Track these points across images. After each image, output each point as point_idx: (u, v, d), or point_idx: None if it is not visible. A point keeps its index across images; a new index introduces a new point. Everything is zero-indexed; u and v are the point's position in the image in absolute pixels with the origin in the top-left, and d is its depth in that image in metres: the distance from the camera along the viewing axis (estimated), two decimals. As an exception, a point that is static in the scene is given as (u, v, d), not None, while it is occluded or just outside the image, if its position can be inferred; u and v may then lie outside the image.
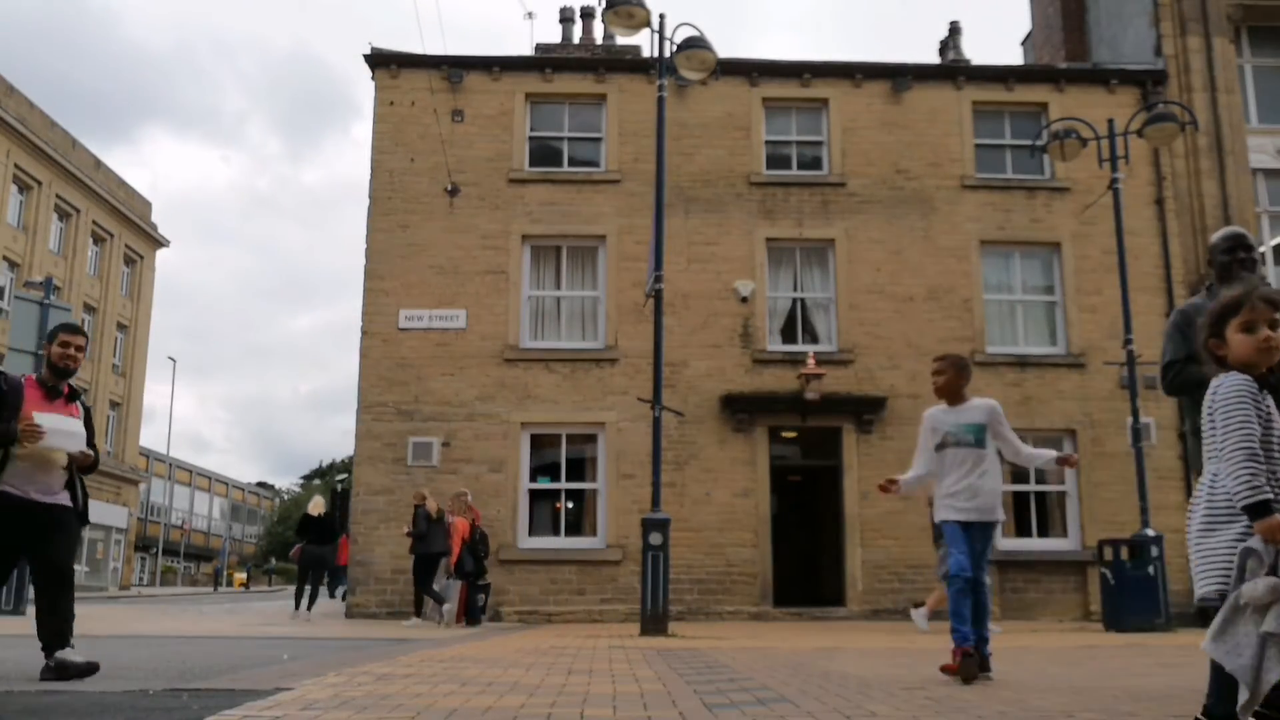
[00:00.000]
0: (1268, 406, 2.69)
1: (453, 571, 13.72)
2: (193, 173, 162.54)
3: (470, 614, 13.66)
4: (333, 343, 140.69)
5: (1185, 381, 4.47)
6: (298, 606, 16.06)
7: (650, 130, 14.30)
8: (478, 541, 13.91)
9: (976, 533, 5.16)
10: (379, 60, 17.27)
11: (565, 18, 20.43)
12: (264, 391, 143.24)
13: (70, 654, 5.00)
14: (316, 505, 17.03)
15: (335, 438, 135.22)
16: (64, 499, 5.17)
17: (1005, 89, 17.78)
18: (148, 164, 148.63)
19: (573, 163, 17.39)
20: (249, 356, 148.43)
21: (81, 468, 5.28)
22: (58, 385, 5.29)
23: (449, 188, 16.78)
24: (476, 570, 13.82)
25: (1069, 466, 5.46)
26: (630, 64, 17.50)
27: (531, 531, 16.01)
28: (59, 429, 5.05)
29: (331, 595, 16.40)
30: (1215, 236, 4.82)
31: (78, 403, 5.42)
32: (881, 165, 17.31)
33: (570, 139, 17.51)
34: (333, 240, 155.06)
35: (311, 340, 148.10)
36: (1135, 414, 13.47)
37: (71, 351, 5.27)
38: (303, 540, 16.68)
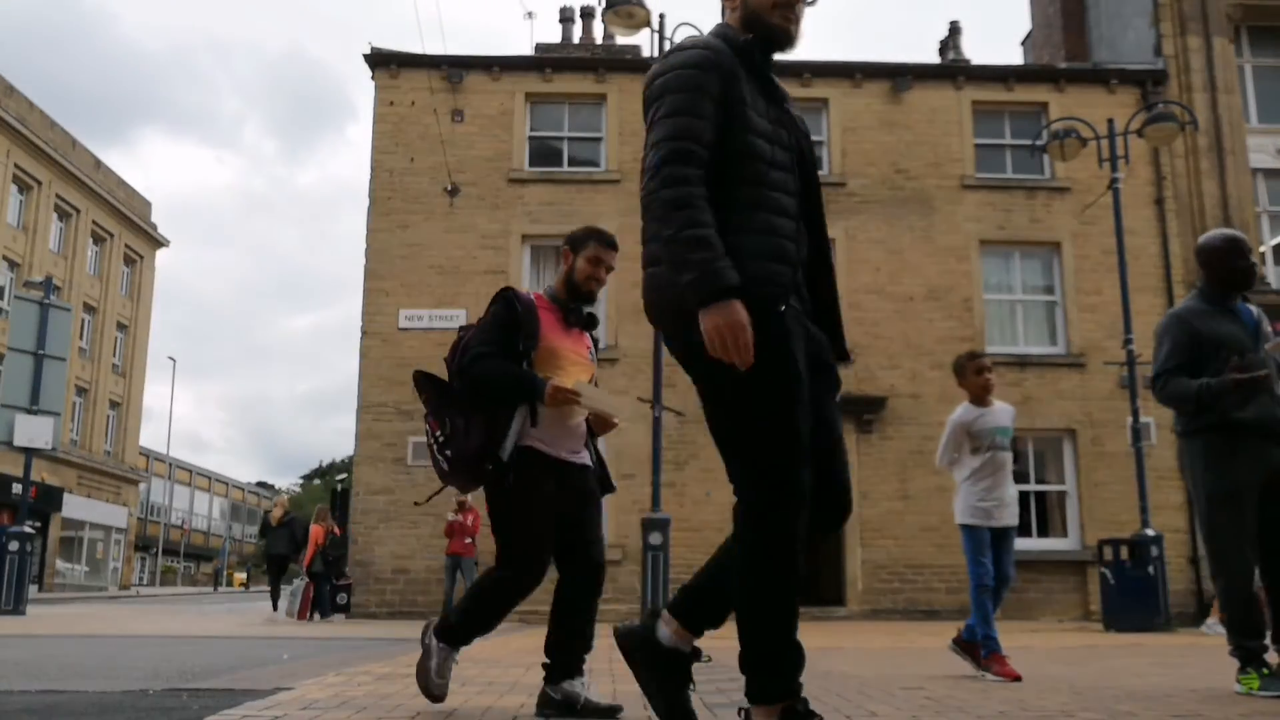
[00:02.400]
0: None
1: (303, 572, 15.68)
2: (189, 174, 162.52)
3: (319, 609, 15.40)
4: (330, 343, 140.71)
5: (1173, 394, 4.41)
6: (275, 607, 17.14)
7: (650, 130, 14.29)
8: (329, 546, 15.63)
9: (1000, 536, 5.25)
10: (379, 60, 17.27)
11: (565, 18, 20.41)
12: (261, 392, 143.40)
13: (583, 686, 3.69)
14: (279, 505, 18.50)
15: (332, 438, 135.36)
16: (587, 458, 3.90)
17: (1005, 89, 17.78)
18: (144, 165, 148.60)
19: (573, 162, 17.39)
20: (245, 357, 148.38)
21: (601, 432, 4.00)
22: (576, 310, 3.98)
23: (449, 188, 16.78)
24: (326, 571, 15.57)
25: None
26: (630, 64, 17.50)
27: (531, 531, 15.98)
28: (594, 393, 3.78)
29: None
30: (1217, 239, 4.60)
31: (589, 334, 4.11)
32: (881, 165, 17.31)
33: (570, 139, 17.52)
34: (329, 241, 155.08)
35: (308, 341, 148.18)
36: (1135, 414, 13.47)
37: (601, 273, 3.98)
38: (266, 543, 18.23)
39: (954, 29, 20.61)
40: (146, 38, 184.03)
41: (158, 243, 46.94)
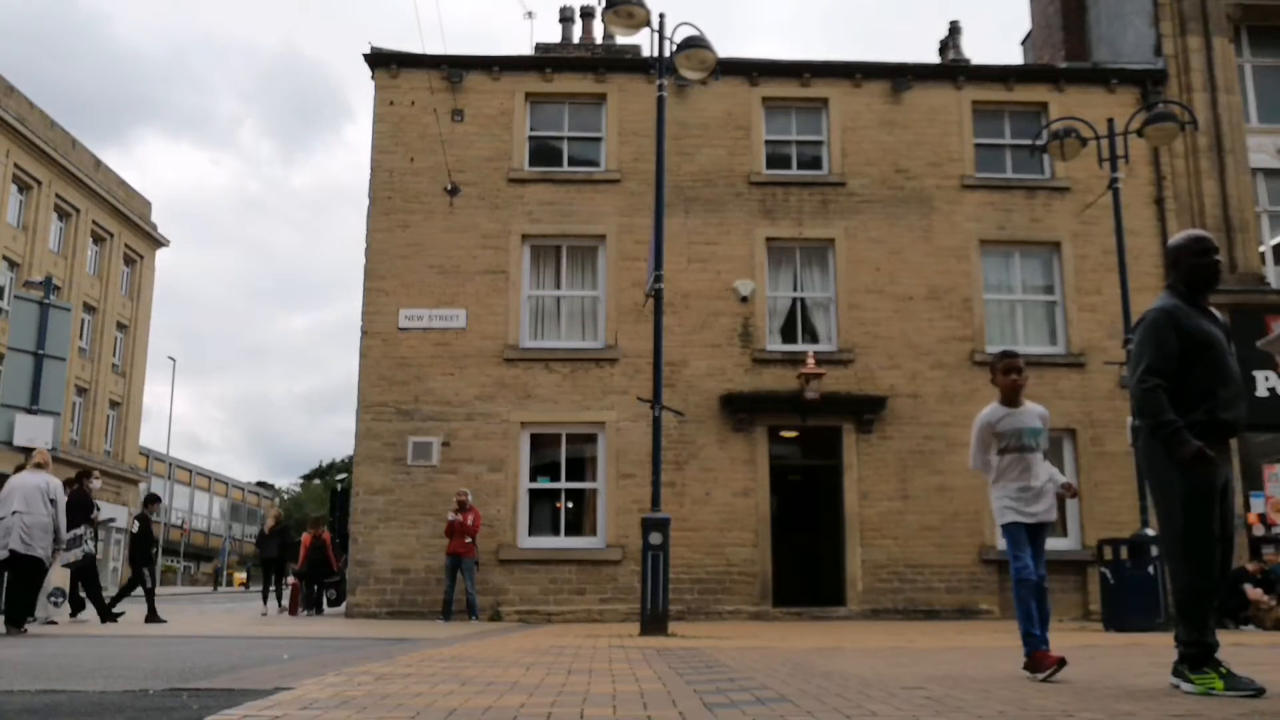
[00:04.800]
0: None
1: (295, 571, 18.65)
2: (186, 175, 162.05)
3: (308, 606, 18.04)
4: (327, 343, 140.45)
5: (1150, 402, 4.41)
6: (265, 602, 18.63)
7: (650, 130, 14.30)
8: (312, 548, 18.25)
9: (1036, 533, 5.32)
10: (379, 60, 17.27)
11: (565, 17, 20.42)
12: (259, 392, 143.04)
13: None
14: (272, 516, 20.38)
15: (330, 437, 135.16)
16: None
17: (1005, 89, 17.77)
18: (140, 167, 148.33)
19: (573, 162, 17.39)
20: (243, 357, 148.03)
21: None
22: None
23: (449, 187, 16.78)
24: (312, 571, 18.28)
25: (1070, 496, 5.51)
26: (630, 64, 17.50)
27: (531, 531, 16.01)
28: None
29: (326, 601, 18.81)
30: (1181, 239, 4.72)
31: None
32: (881, 165, 17.30)
33: (570, 139, 17.51)
34: (326, 242, 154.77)
35: (305, 341, 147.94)
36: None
37: None
38: (259, 549, 20.18)
39: (954, 29, 20.61)
40: (143, 39, 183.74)
41: (157, 242, 46.94)
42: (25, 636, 9.52)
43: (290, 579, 19.15)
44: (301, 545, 18.58)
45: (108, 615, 13.14)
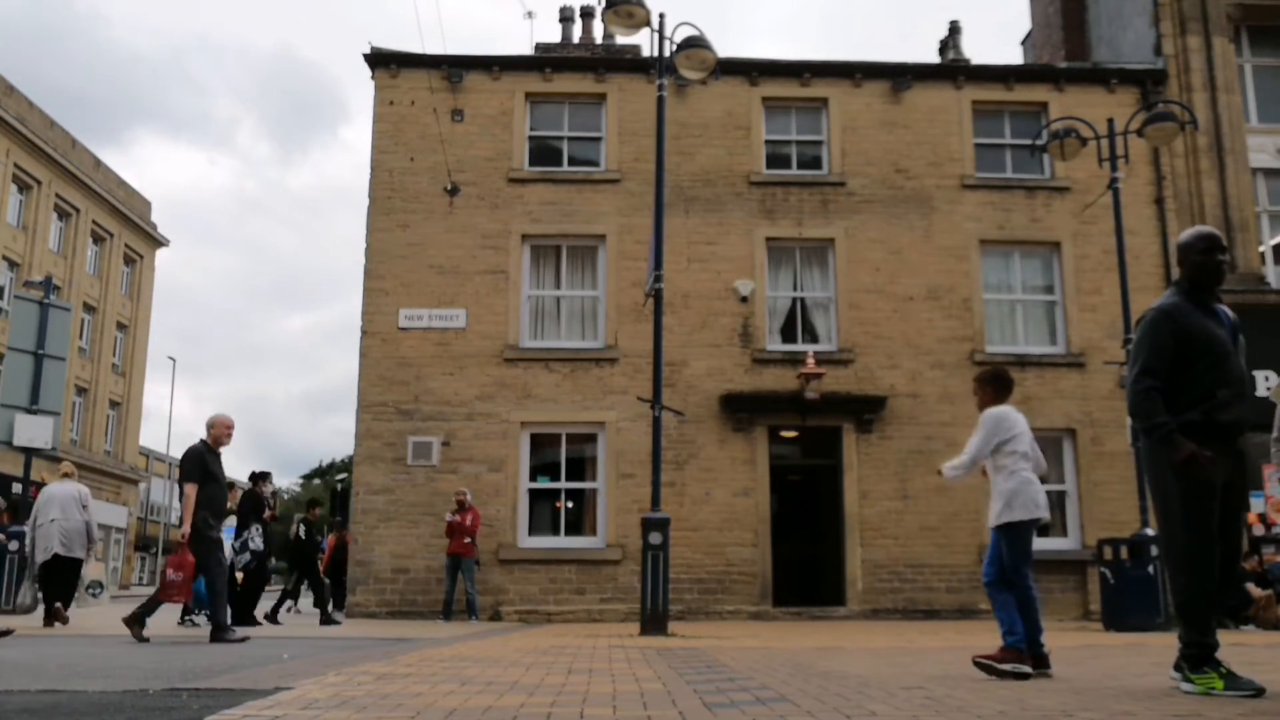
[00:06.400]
0: None
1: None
2: (184, 176, 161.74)
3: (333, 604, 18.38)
4: (326, 343, 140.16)
5: (1144, 405, 4.44)
6: (290, 606, 18.97)
7: (650, 130, 14.30)
8: (340, 548, 18.05)
9: (1001, 537, 5.48)
10: (379, 60, 17.27)
11: (565, 17, 20.42)
12: (258, 392, 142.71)
13: None
14: (299, 524, 21.34)
15: (330, 437, 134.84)
16: None
17: (1005, 89, 17.78)
18: (138, 168, 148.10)
19: (573, 162, 17.39)
20: (241, 357, 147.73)
21: None
22: None
23: (449, 187, 16.78)
24: (337, 572, 18.01)
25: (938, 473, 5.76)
26: (630, 64, 17.50)
27: (531, 531, 16.02)
28: None
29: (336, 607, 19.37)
30: (1189, 236, 4.71)
31: None
32: (881, 165, 17.31)
33: (570, 138, 17.51)
34: (324, 242, 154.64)
35: (304, 341, 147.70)
36: (1135, 414, 13.45)
37: None
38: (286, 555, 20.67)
39: (954, 29, 20.61)
40: (141, 40, 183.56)
41: (157, 242, 46.93)
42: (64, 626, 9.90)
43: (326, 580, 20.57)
44: (327, 547, 19.55)
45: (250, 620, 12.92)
